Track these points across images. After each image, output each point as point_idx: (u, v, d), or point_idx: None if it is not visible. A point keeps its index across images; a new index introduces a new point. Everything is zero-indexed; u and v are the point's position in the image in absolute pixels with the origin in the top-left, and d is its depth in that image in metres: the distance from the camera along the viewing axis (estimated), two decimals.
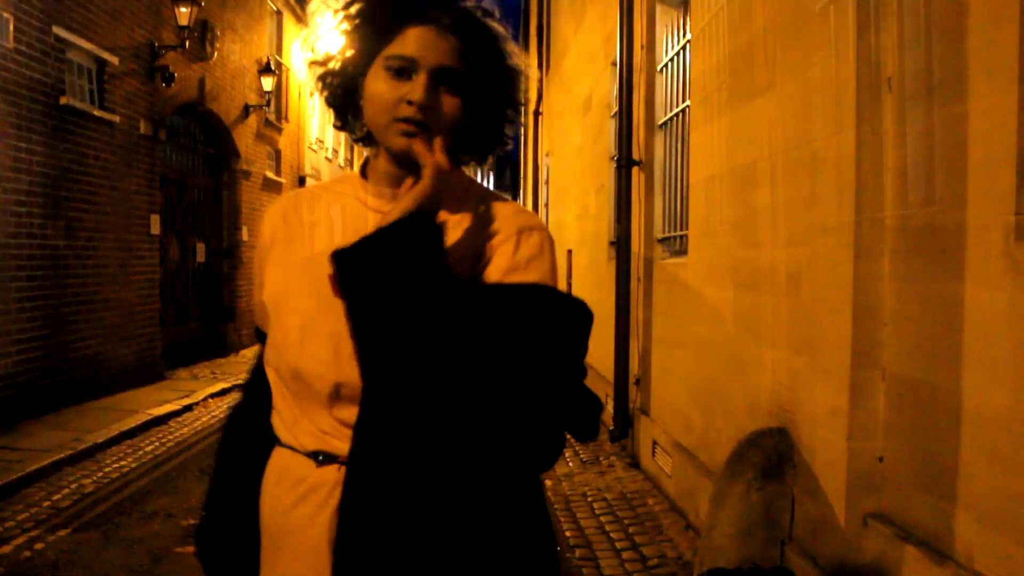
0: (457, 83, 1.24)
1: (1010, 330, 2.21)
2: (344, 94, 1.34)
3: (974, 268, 2.37)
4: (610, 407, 6.54)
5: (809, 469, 3.21)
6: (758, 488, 3.33)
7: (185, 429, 7.67)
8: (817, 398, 3.19)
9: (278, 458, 1.31)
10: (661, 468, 5.40)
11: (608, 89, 7.85)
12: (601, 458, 6.39)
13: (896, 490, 2.78)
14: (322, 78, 1.35)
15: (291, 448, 1.28)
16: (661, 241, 5.99)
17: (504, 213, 1.31)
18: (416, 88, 1.21)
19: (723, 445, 4.05)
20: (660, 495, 5.29)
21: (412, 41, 1.22)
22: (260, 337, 1.42)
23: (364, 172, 1.38)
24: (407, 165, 1.27)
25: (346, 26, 1.30)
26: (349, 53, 1.30)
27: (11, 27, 6.88)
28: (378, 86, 1.24)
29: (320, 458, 1.24)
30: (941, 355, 2.52)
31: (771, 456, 3.38)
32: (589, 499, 5.31)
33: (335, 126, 1.41)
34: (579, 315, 1.22)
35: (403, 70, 1.22)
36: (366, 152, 1.41)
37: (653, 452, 5.63)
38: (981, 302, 2.34)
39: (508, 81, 1.35)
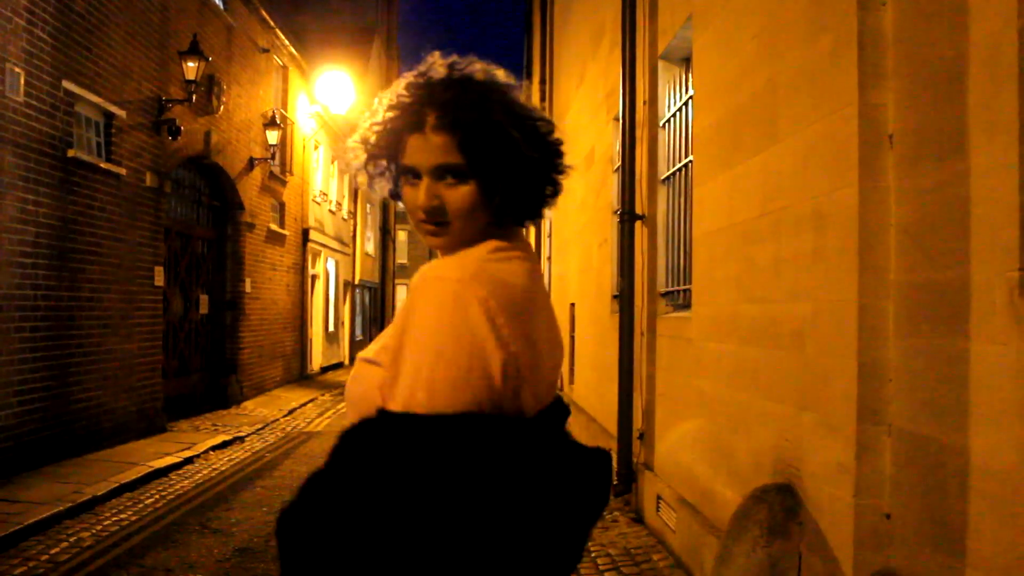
0: (461, 173, 1.26)
1: (1016, 386, 2.21)
2: (395, 186, 1.41)
3: (978, 324, 2.38)
4: (614, 461, 6.48)
5: (816, 526, 3.18)
6: (764, 545, 3.29)
7: (186, 482, 7.61)
8: (823, 454, 3.17)
9: None
10: (666, 523, 5.34)
11: (611, 144, 7.93)
12: (605, 513, 6.30)
13: (904, 547, 2.75)
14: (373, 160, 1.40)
15: None
16: (664, 295, 6.00)
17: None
18: (419, 193, 1.28)
19: (728, 501, 4.02)
20: (665, 551, 5.22)
21: (411, 151, 1.28)
22: None
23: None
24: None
25: (383, 129, 1.35)
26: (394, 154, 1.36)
27: (22, 81, 6.99)
28: (404, 194, 1.33)
29: None
30: (947, 411, 2.51)
31: (777, 513, 3.34)
32: (593, 554, 5.24)
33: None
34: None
35: (414, 177, 1.29)
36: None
37: (657, 507, 5.57)
38: (986, 358, 2.34)
39: (522, 141, 1.32)
